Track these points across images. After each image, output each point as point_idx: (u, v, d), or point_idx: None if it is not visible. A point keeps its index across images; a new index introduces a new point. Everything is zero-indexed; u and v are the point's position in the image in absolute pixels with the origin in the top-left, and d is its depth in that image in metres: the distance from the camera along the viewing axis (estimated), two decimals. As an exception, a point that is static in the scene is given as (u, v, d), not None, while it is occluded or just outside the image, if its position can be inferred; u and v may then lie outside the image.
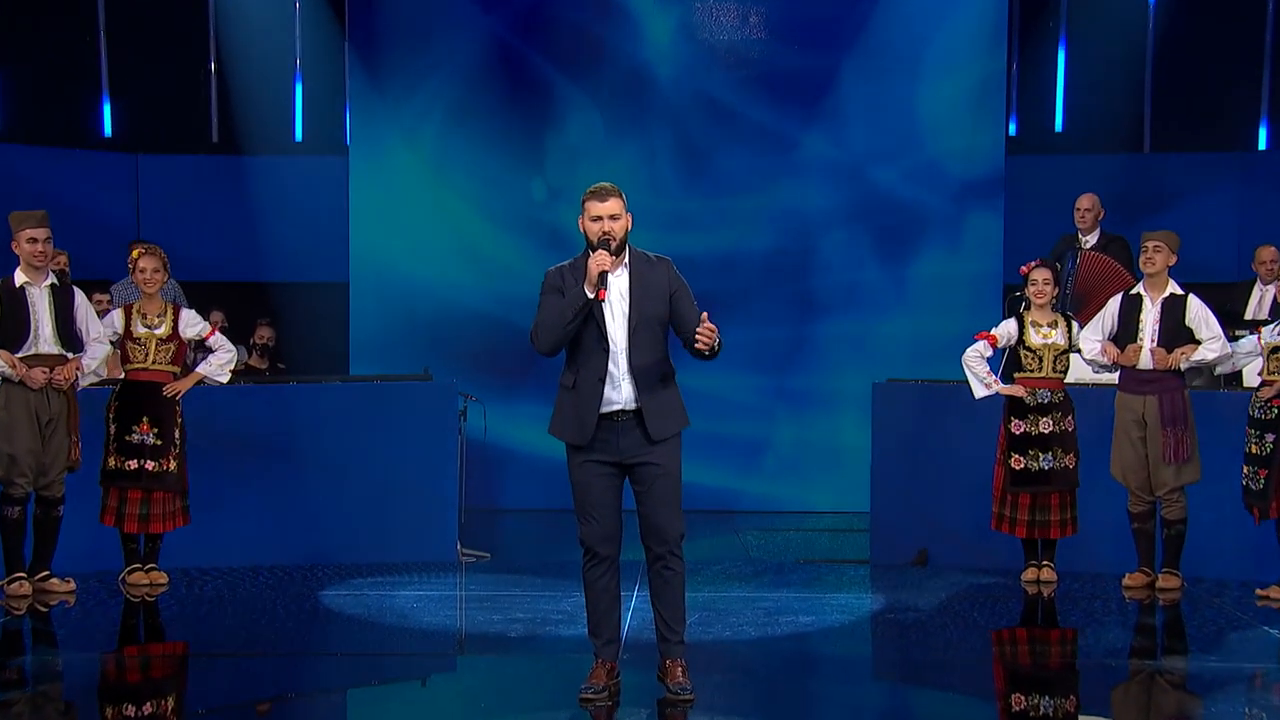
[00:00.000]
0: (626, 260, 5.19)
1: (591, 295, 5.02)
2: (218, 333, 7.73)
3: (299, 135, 11.84)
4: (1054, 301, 7.81)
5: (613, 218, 5.11)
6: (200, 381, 7.66)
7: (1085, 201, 9.27)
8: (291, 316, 11.39)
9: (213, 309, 10.19)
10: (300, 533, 8.29)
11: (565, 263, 5.21)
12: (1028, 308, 7.82)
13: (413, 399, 8.61)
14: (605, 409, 5.12)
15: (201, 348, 7.84)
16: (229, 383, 8.14)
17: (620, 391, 5.11)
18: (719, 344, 5.11)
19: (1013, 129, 11.57)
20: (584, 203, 5.17)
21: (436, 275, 11.30)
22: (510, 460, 11.13)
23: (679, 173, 11.21)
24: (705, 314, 5.10)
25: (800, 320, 11.32)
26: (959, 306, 10.99)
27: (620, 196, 5.16)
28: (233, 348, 7.79)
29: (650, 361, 5.13)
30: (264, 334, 10.20)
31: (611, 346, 5.10)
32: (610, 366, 5.10)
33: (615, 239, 5.10)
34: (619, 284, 5.16)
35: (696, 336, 5.03)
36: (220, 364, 7.66)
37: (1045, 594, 7.52)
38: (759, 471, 11.25)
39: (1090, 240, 9.18)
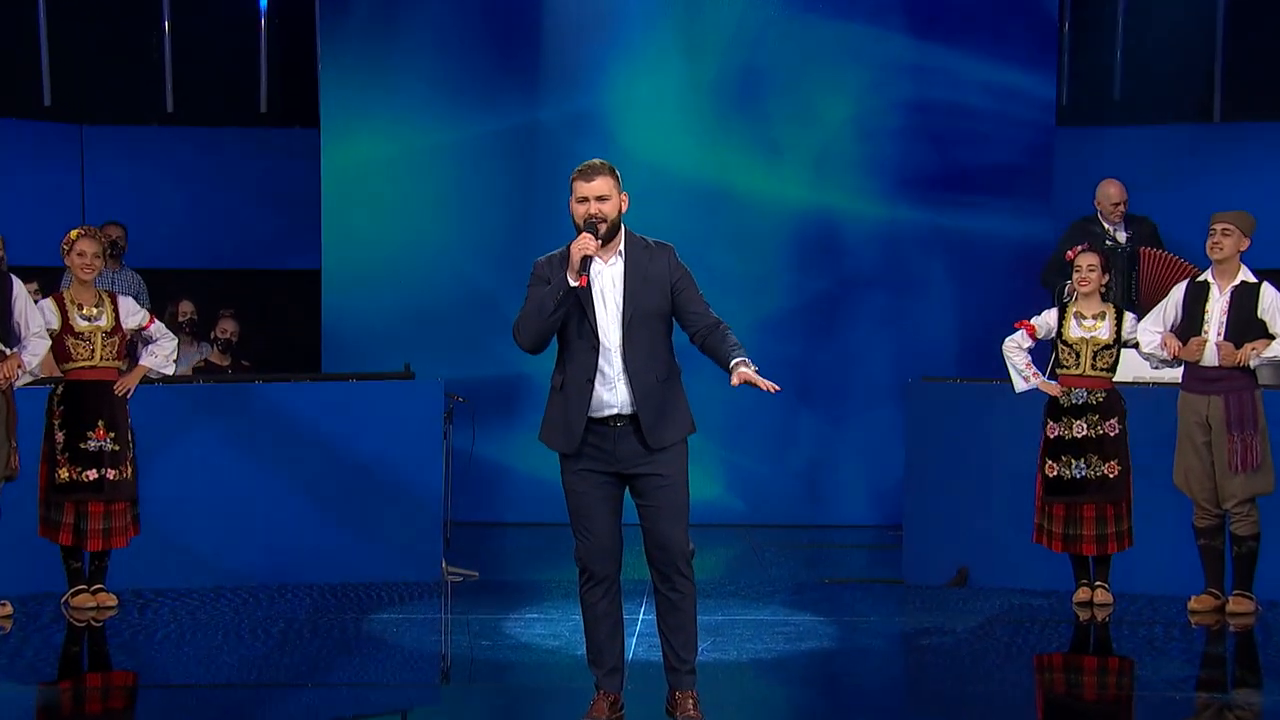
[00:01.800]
0: (621, 246, 5.19)
1: (573, 282, 5.03)
2: (157, 321, 7.77)
3: (264, 104, 11.85)
4: (1104, 290, 7.79)
5: (600, 199, 5.10)
6: (144, 377, 7.69)
7: (1116, 192, 9.21)
8: (256, 307, 11.41)
9: (181, 298, 10.22)
10: (267, 549, 8.32)
11: (556, 252, 5.21)
12: (1074, 298, 7.82)
13: (393, 399, 8.63)
14: (598, 413, 5.12)
15: (139, 338, 7.85)
16: (186, 381, 8.18)
17: (615, 393, 5.11)
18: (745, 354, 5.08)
19: (1064, 97, 11.56)
20: (571, 182, 5.17)
21: (420, 261, 11.30)
22: (502, 468, 11.16)
23: (688, 150, 11.21)
24: (743, 362, 4.98)
25: (824, 309, 11.32)
26: (1001, 295, 10.99)
27: (612, 175, 5.15)
28: (174, 337, 7.83)
29: (648, 360, 5.12)
30: (226, 327, 10.22)
31: (603, 342, 5.10)
32: (602, 365, 5.10)
33: (604, 222, 5.11)
34: (612, 273, 5.16)
35: (736, 382, 4.97)
36: (165, 354, 7.69)
37: (1099, 618, 7.52)
38: (777, 480, 11.26)
39: (1122, 233, 9.19)
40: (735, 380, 5.03)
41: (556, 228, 11.10)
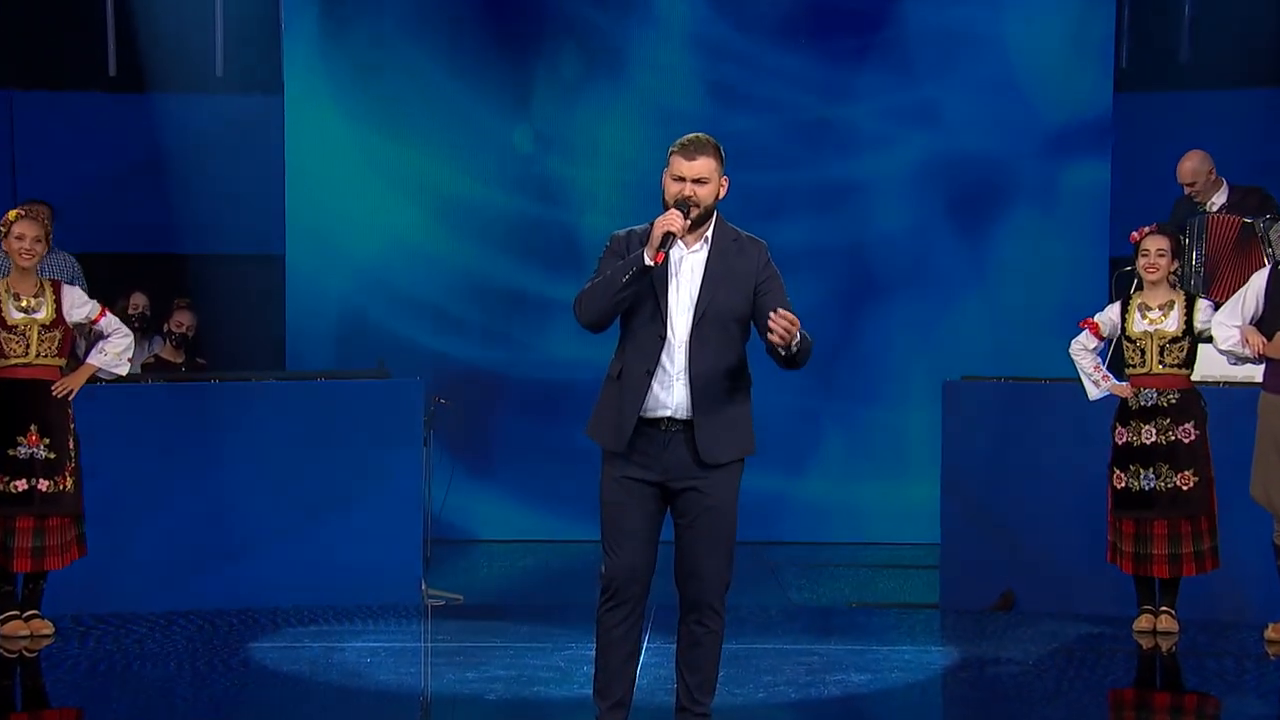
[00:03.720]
0: (709, 235, 5.20)
1: (649, 260, 5.05)
2: (109, 314, 7.74)
3: (220, 68, 11.86)
4: (1173, 278, 7.78)
5: (699, 181, 5.12)
6: (93, 377, 7.68)
7: (1187, 170, 9.12)
8: (213, 297, 11.41)
9: (133, 290, 10.23)
10: (225, 570, 8.32)
11: (637, 227, 5.21)
12: (1139, 287, 7.82)
13: (366, 400, 8.64)
14: (651, 412, 5.13)
15: (86, 332, 7.84)
16: (134, 380, 8.16)
17: (671, 394, 5.12)
18: (802, 344, 5.02)
19: (1124, 59, 11.56)
20: (669, 156, 5.19)
21: (396, 245, 11.33)
22: (489, 478, 11.17)
23: (702, 117, 11.22)
24: (782, 307, 4.96)
25: (853, 302, 11.34)
26: (1052, 286, 11.01)
27: (716, 156, 5.16)
28: (129, 332, 7.81)
29: (715, 364, 5.12)
30: (180, 320, 10.23)
31: (669, 335, 5.13)
32: (664, 359, 5.12)
33: (697, 206, 5.13)
34: (692, 261, 5.17)
35: (770, 325, 4.95)
36: (117, 352, 7.66)
37: (1164, 648, 7.52)
38: (800, 491, 11.28)
39: (1218, 202, 9.12)
40: (772, 333, 4.96)
41: (554, 206, 11.40)
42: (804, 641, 7.71)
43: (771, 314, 4.97)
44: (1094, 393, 7.74)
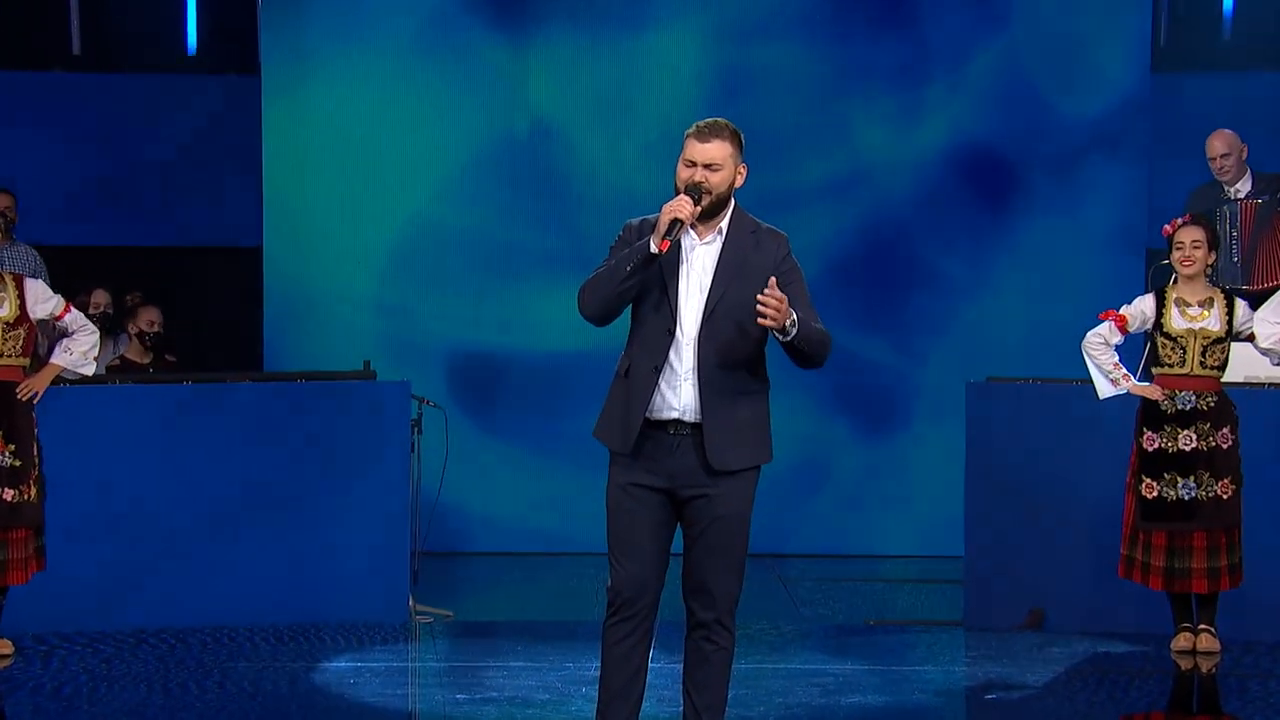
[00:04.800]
0: (724, 225, 5.22)
1: (655, 248, 5.07)
2: (74, 310, 7.75)
3: (192, 46, 11.86)
4: (1210, 272, 7.79)
5: (712, 167, 5.14)
6: (58, 378, 7.69)
7: (1219, 144, 9.19)
8: (184, 293, 11.44)
9: (94, 287, 10.23)
10: (198, 585, 8.33)
11: (652, 215, 5.20)
12: (1175, 281, 7.83)
13: (349, 404, 8.66)
14: (657, 414, 5.15)
15: (49, 330, 7.84)
16: (99, 382, 8.16)
17: (678, 395, 5.14)
18: (805, 331, 5.03)
19: (1162, 37, 11.57)
20: (684, 138, 5.21)
21: (381, 238, 11.33)
22: (482, 488, 11.18)
23: (709, 100, 11.23)
24: (772, 280, 4.97)
25: (871, 298, 11.35)
26: (1084, 280, 11.02)
27: (733, 142, 5.19)
28: (95, 329, 7.83)
29: (727, 363, 5.13)
30: (148, 317, 10.24)
31: (677, 330, 5.15)
32: (671, 357, 5.15)
33: (709, 193, 5.15)
34: (705, 253, 5.19)
35: (758, 309, 4.95)
36: (83, 351, 7.68)
37: (1204, 670, 7.53)
38: (814, 500, 11.29)
39: (1242, 189, 9.18)
40: (761, 316, 4.98)
41: (554, 193, 11.40)
42: (818, 661, 7.73)
43: (759, 297, 4.97)
44: (1106, 390, 7.70)
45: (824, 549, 11.19)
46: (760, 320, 5.01)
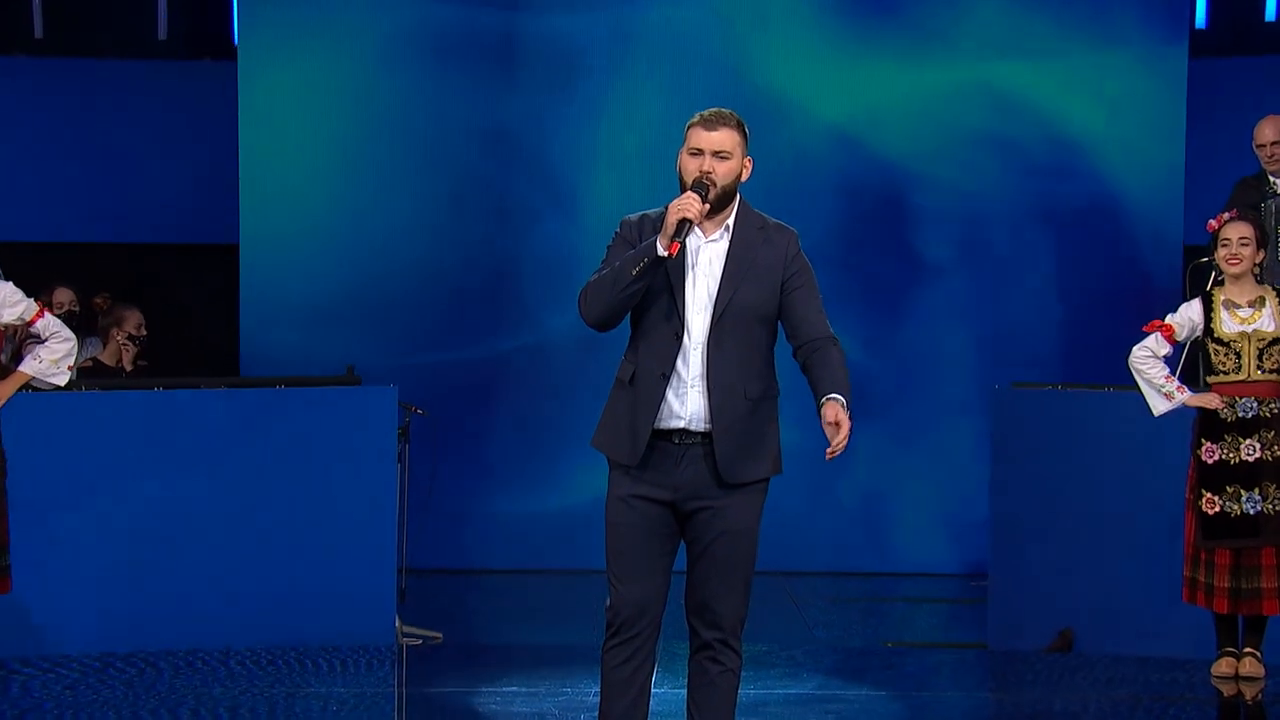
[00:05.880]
0: (730, 221, 5.24)
1: (662, 250, 5.10)
2: (49, 314, 7.74)
3: (163, 30, 11.87)
4: (1258, 271, 7.78)
5: (720, 155, 5.17)
6: (26, 386, 7.70)
7: (1269, 131, 9.20)
8: (154, 293, 11.44)
9: (57, 285, 10.23)
10: (170, 606, 8.33)
11: (651, 211, 5.26)
12: (1220, 282, 7.82)
13: (331, 411, 8.66)
14: (663, 423, 5.17)
15: (12, 335, 7.84)
16: (65, 387, 8.15)
17: (685, 403, 5.16)
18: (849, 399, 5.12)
19: (1201, 18, 11.58)
20: (687, 130, 5.24)
21: (365, 235, 11.33)
22: (472, 501, 11.20)
23: (717, 80, 11.25)
24: (836, 401, 5.04)
25: (889, 297, 11.36)
26: (1117, 278, 11.03)
27: (739, 130, 5.22)
28: (71, 335, 7.83)
29: (737, 369, 5.15)
30: (135, 320, 10.21)
31: (685, 336, 5.17)
32: (678, 363, 5.18)
33: (716, 185, 5.18)
34: (712, 251, 5.20)
35: (831, 448, 5.04)
36: (55, 359, 7.64)
37: (1248, 696, 7.51)
38: (827, 514, 11.31)
39: None
40: (826, 415, 5.06)
41: (548, 191, 11.42)
42: (832, 686, 7.73)
43: (826, 424, 5.01)
44: (1161, 406, 7.60)
45: (838, 566, 11.20)
46: (828, 456, 5.06)
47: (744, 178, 5.23)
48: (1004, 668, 8.24)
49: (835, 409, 5.05)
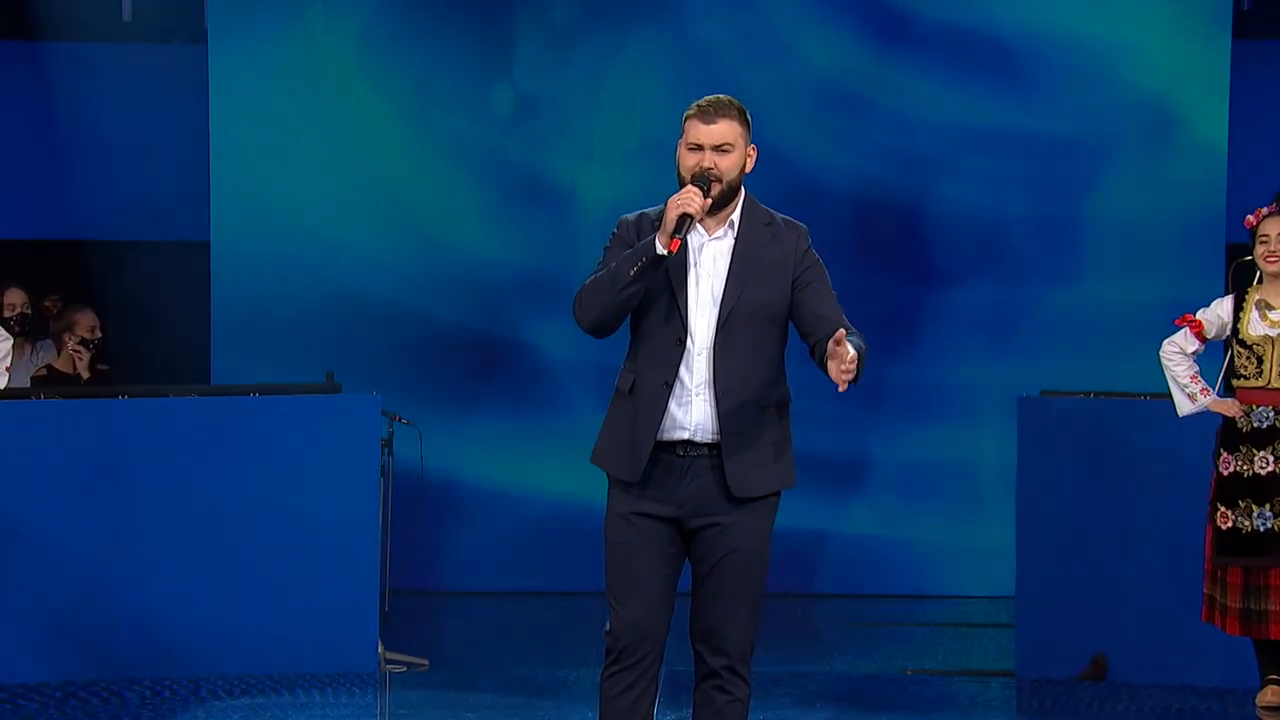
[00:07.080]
0: (735, 217, 5.25)
1: (662, 249, 5.12)
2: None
3: (128, 12, 11.88)
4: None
5: (721, 149, 5.18)
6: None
7: None
8: (118, 294, 11.45)
9: (8, 284, 10.24)
10: (137, 631, 8.34)
11: (650, 209, 5.26)
12: (1259, 281, 7.82)
13: (310, 420, 8.68)
14: (666, 435, 5.17)
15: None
16: (20, 396, 8.18)
17: (689, 412, 5.16)
18: (862, 361, 5.01)
19: (1246, 0, 11.61)
20: (685, 122, 5.24)
21: (344, 232, 11.34)
22: (459, 516, 11.20)
23: (722, 69, 11.28)
24: (840, 333, 4.96)
25: (909, 299, 11.38)
26: (1154, 279, 11.04)
27: (741, 121, 5.23)
28: (5, 334, 7.85)
29: (745, 375, 5.16)
30: (87, 322, 10.23)
31: (688, 341, 5.19)
32: (681, 370, 5.18)
33: (719, 180, 5.19)
34: (715, 249, 5.22)
35: (833, 375, 4.94)
36: (-9, 361, 7.72)
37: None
38: (843, 529, 11.32)
39: None
40: (830, 343, 4.98)
41: (540, 182, 11.43)
42: (848, 716, 7.75)
43: (830, 358, 4.93)
44: (1186, 408, 7.62)
45: (854, 588, 11.21)
46: (840, 387, 4.96)
47: (748, 169, 5.24)
48: (1032, 697, 8.25)
49: (841, 335, 4.95)
